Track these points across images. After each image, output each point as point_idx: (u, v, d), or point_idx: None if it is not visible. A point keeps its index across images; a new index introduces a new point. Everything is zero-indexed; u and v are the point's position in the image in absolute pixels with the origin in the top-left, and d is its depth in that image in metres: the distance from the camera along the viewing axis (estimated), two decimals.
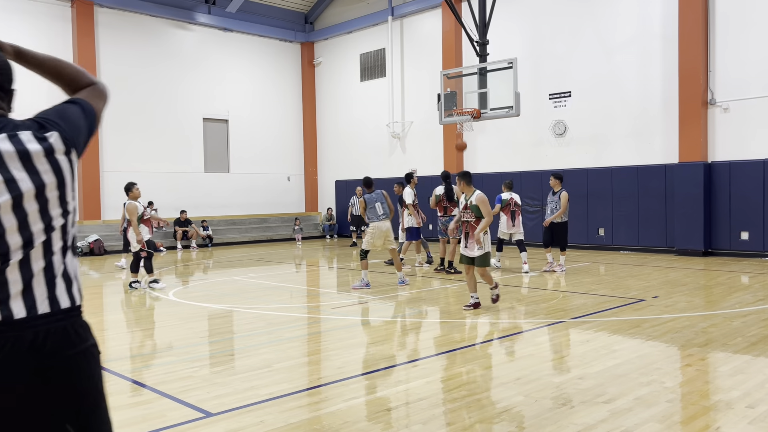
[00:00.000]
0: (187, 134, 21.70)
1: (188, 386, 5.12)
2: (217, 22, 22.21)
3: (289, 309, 8.96)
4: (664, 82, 15.29)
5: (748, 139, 14.18)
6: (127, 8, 20.13)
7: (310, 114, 24.92)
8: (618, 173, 16.10)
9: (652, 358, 5.75)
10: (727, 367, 5.44)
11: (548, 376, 5.23)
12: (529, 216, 17.83)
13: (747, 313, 7.79)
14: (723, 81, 14.47)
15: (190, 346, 6.62)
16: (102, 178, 19.64)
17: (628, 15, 15.90)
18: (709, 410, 4.37)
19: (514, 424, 4.15)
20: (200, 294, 10.44)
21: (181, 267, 15.18)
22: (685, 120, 14.73)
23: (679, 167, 14.84)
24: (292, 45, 24.68)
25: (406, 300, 9.33)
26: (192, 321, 8.14)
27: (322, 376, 5.48)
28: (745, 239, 14.12)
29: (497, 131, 18.57)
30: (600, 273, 12.07)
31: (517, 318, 7.75)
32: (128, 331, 7.54)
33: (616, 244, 16.17)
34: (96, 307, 9.83)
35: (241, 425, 4.22)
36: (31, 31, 18.48)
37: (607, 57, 16.32)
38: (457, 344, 6.64)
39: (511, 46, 17.69)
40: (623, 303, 8.64)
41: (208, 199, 22.19)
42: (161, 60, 21.05)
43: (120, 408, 4.66)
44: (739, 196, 14.19)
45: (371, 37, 22.58)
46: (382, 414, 4.41)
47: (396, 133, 21.74)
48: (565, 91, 17.13)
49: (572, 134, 17.09)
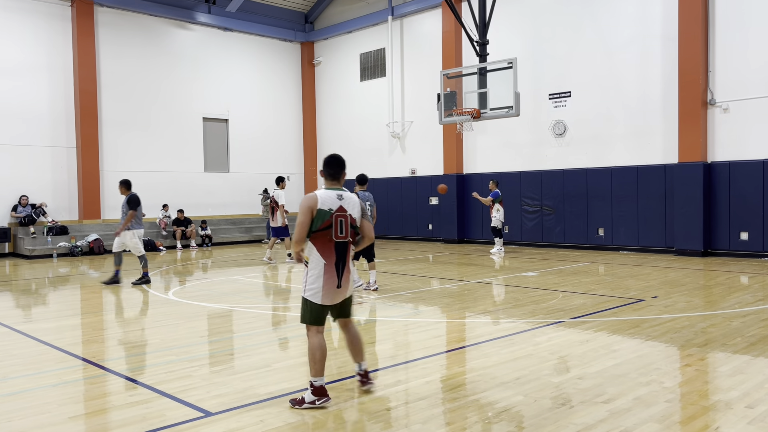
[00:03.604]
0: (186, 134, 21.70)
1: (188, 386, 5.13)
2: (217, 21, 22.21)
3: (289, 308, 8.96)
4: (664, 83, 15.29)
5: (747, 139, 14.18)
6: (127, 8, 20.12)
7: (310, 114, 24.92)
8: (618, 173, 16.10)
9: (651, 358, 5.76)
10: (727, 368, 5.44)
11: (547, 376, 5.23)
12: (529, 216, 17.85)
13: (746, 313, 7.79)
14: (723, 81, 14.47)
15: (189, 346, 6.62)
16: (102, 177, 19.64)
17: (627, 15, 15.90)
18: (709, 410, 4.37)
19: (514, 424, 4.15)
20: (200, 293, 10.44)
21: (180, 266, 15.18)
22: (684, 120, 14.73)
23: (679, 167, 14.84)
24: (292, 45, 24.68)
25: (404, 300, 9.33)
26: (191, 320, 8.14)
27: None
28: (744, 239, 14.13)
29: (497, 131, 18.57)
30: (599, 273, 12.08)
31: (516, 318, 7.75)
32: (127, 331, 7.54)
33: (616, 244, 16.17)
34: (95, 306, 9.83)
35: (241, 425, 4.22)
36: (31, 31, 18.50)
37: (606, 57, 16.32)
38: (457, 344, 6.64)
39: (511, 46, 17.70)
40: (623, 303, 8.65)
41: (208, 198, 22.19)
42: (161, 59, 21.05)
43: (119, 407, 4.67)
44: (738, 197, 14.19)
45: (371, 37, 22.58)
46: (382, 413, 4.41)
47: (396, 133, 21.74)
48: (565, 91, 17.14)
49: (572, 134, 17.09)
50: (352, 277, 4.84)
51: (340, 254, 4.70)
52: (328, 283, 4.65)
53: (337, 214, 4.68)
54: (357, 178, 10.36)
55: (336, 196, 4.74)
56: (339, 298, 4.74)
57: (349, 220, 4.72)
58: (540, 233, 17.70)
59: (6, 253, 17.99)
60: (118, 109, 20.11)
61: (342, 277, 4.69)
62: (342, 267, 4.70)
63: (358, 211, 4.80)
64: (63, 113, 19.04)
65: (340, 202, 4.73)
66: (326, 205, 4.66)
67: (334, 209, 4.68)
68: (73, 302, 10.25)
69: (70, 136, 19.20)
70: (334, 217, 4.66)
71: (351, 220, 4.74)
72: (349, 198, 4.80)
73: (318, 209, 4.64)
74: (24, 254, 17.53)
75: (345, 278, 4.72)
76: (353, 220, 4.76)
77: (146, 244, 18.95)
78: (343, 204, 4.73)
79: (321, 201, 4.65)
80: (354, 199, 4.81)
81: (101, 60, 19.70)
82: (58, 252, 17.67)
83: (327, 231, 4.65)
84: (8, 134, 18.03)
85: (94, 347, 6.78)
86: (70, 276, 13.66)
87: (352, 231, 4.77)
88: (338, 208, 4.69)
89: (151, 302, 9.68)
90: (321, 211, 4.64)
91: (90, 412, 4.63)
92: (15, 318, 8.64)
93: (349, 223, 4.73)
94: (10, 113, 18.05)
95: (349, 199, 4.80)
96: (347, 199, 4.78)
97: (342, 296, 4.76)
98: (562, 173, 17.16)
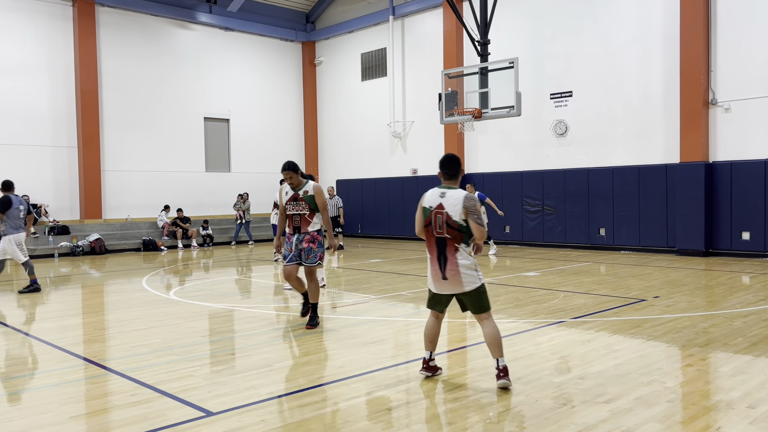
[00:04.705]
0: (188, 134, 21.72)
1: (189, 385, 5.13)
2: (218, 21, 22.22)
3: (290, 308, 8.96)
4: (666, 82, 15.28)
5: (749, 139, 14.17)
6: (129, 7, 20.14)
7: (312, 113, 24.92)
8: (619, 173, 16.09)
9: (652, 358, 5.75)
10: (728, 368, 5.43)
11: (549, 375, 5.22)
12: (530, 216, 17.83)
13: (748, 313, 7.78)
14: (724, 81, 14.45)
15: (190, 345, 6.62)
16: (103, 177, 19.67)
17: (629, 15, 15.88)
18: (710, 410, 4.36)
19: (515, 424, 4.15)
20: (201, 293, 10.44)
21: (181, 266, 15.18)
22: (686, 120, 14.71)
23: (681, 167, 14.83)
24: (294, 44, 24.68)
25: (406, 299, 9.33)
26: (192, 320, 8.14)
27: (322, 375, 5.48)
28: (746, 239, 14.11)
29: (498, 131, 18.56)
30: (601, 273, 12.06)
31: (517, 318, 7.74)
32: (129, 330, 7.54)
33: (617, 244, 16.16)
34: (97, 306, 9.84)
35: (242, 424, 4.22)
36: (33, 30, 18.52)
37: (608, 57, 16.30)
38: (458, 344, 6.64)
39: (512, 46, 17.69)
40: (624, 303, 8.64)
41: (209, 198, 22.21)
42: (162, 59, 21.06)
43: (120, 407, 4.66)
44: (740, 196, 14.17)
45: (372, 37, 22.58)
46: (383, 413, 4.41)
47: (397, 133, 21.74)
48: (566, 90, 17.12)
49: (573, 134, 17.08)
50: (464, 271, 4.89)
51: (441, 249, 4.94)
52: (434, 273, 5.03)
53: (435, 211, 4.92)
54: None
55: (439, 194, 4.97)
56: (447, 289, 4.96)
57: (445, 217, 4.87)
58: (541, 233, 17.69)
59: None
60: (119, 108, 20.12)
61: (445, 269, 4.92)
62: (444, 261, 4.92)
63: (460, 210, 4.84)
64: (64, 113, 19.06)
65: (441, 199, 4.93)
66: (428, 203, 4.99)
67: (433, 206, 4.94)
68: (75, 302, 10.26)
69: (71, 135, 19.21)
70: (433, 214, 4.94)
71: (447, 217, 4.86)
72: (450, 196, 4.91)
73: (422, 206, 5.03)
74: None
75: (449, 271, 4.90)
76: (449, 217, 4.86)
77: (147, 244, 18.99)
78: (443, 201, 4.91)
79: (425, 199, 5.04)
80: (456, 198, 4.88)
81: (102, 59, 19.72)
82: (59, 252, 17.68)
83: (429, 227, 4.97)
84: (9, 134, 18.05)
85: (95, 347, 6.78)
86: (71, 276, 13.67)
87: (449, 228, 4.87)
88: (437, 206, 4.92)
89: (152, 302, 9.68)
90: (424, 208, 5.02)
91: (91, 412, 4.63)
92: (16, 318, 8.65)
93: (445, 221, 4.87)
94: (11, 113, 18.07)
95: (450, 197, 4.90)
96: (448, 198, 4.90)
97: (451, 288, 4.95)
98: (563, 173, 17.15)
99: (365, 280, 11.57)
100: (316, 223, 7.26)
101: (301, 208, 7.20)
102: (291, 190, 7.26)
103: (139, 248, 19.06)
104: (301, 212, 7.20)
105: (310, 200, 7.17)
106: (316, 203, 7.19)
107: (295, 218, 7.23)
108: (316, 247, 7.23)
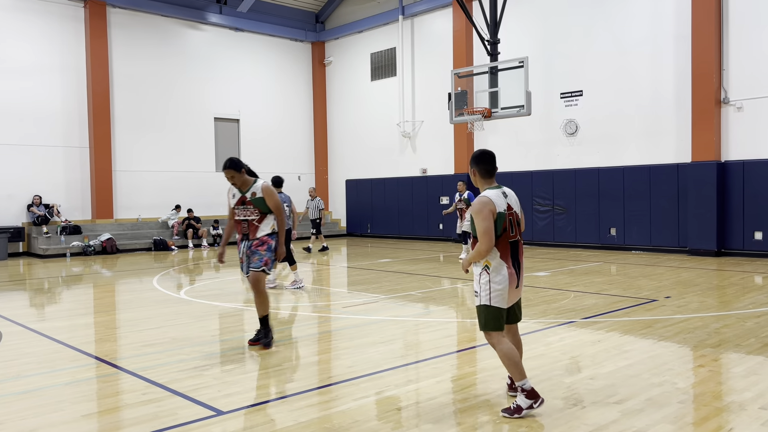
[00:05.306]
0: (198, 134, 21.81)
1: (199, 384, 5.15)
2: (228, 21, 22.30)
3: (300, 308, 8.98)
4: (677, 81, 15.18)
5: (761, 138, 14.05)
6: (139, 8, 20.25)
7: (321, 113, 24.96)
8: (630, 172, 16.00)
9: (664, 358, 5.72)
10: (740, 368, 5.39)
11: (559, 376, 5.20)
12: (540, 215, 17.78)
13: (761, 313, 7.72)
14: (736, 79, 14.34)
15: (201, 345, 6.64)
16: (114, 177, 19.79)
17: (640, 14, 15.79)
18: (722, 411, 4.33)
19: (525, 424, 4.13)
20: (211, 292, 10.48)
21: (192, 265, 15.25)
22: (698, 119, 14.62)
23: (692, 166, 14.73)
24: (303, 44, 24.73)
25: (415, 299, 9.32)
26: (203, 319, 8.18)
27: (332, 375, 5.49)
28: (758, 239, 14.00)
29: (508, 130, 18.51)
30: (611, 273, 12.00)
31: (527, 318, 7.72)
32: (140, 329, 7.58)
33: (628, 244, 16.07)
34: (108, 305, 9.90)
35: (252, 424, 4.24)
36: (44, 32, 18.66)
37: (619, 56, 16.22)
38: (468, 344, 6.62)
39: (522, 45, 17.64)
40: (635, 303, 8.59)
41: (219, 198, 22.25)
42: (173, 60, 21.16)
43: (131, 406, 4.69)
44: (752, 196, 14.06)
45: (382, 37, 22.58)
46: (393, 413, 4.41)
47: (406, 133, 21.73)
48: (577, 90, 17.05)
49: (584, 133, 17.01)
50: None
51: (515, 254, 4.46)
52: (511, 285, 4.39)
53: (508, 213, 4.43)
54: (273, 180, 10.05)
55: (501, 194, 4.46)
56: (515, 298, 4.53)
57: (515, 218, 4.51)
58: (551, 233, 17.63)
59: (20, 253, 18.16)
60: (130, 109, 20.24)
61: (520, 277, 4.48)
62: (518, 267, 4.47)
63: (519, 206, 4.60)
64: (76, 113, 19.19)
65: (506, 200, 4.46)
66: (500, 207, 4.37)
67: (505, 210, 4.41)
68: (86, 301, 10.33)
69: (83, 136, 19.34)
70: (507, 218, 4.42)
71: (516, 217, 4.51)
72: (510, 194, 4.55)
73: (497, 212, 4.34)
74: (38, 253, 17.69)
75: (521, 277, 4.52)
76: (517, 216, 4.53)
77: (158, 244, 19.10)
78: (509, 201, 4.48)
79: (494, 203, 4.35)
80: (514, 195, 4.59)
81: (113, 60, 19.84)
82: (71, 251, 17.81)
83: (505, 233, 4.39)
84: (22, 134, 18.20)
85: (106, 346, 6.82)
86: (83, 275, 13.77)
87: (518, 228, 4.54)
88: (507, 207, 4.43)
89: (162, 301, 9.73)
90: (499, 213, 4.36)
91: (102, 411, 4.66)
92: (29, 317, 8.72)
93: (516, 221, 4.51)
94: (23, 114, 18.21)
95: (511, 196, 4.55)
96: (510, 196, 4.53)
97: (518, 296, 4.58)
98: (573, 172, 17.08)
99: (375, 280, 11.57)
100: (267, 227, 6.37)
101: (249, 213, 6.33)
102: (238, 192, 6.40)
103: (150, 248, 19.17)
104: (248, 218, 6.34)
105: (259, 203, 6.30)
106: (268, 206, 6.33)
107: (243, 225, 6.39)
108: (264, 250, 6.32)
